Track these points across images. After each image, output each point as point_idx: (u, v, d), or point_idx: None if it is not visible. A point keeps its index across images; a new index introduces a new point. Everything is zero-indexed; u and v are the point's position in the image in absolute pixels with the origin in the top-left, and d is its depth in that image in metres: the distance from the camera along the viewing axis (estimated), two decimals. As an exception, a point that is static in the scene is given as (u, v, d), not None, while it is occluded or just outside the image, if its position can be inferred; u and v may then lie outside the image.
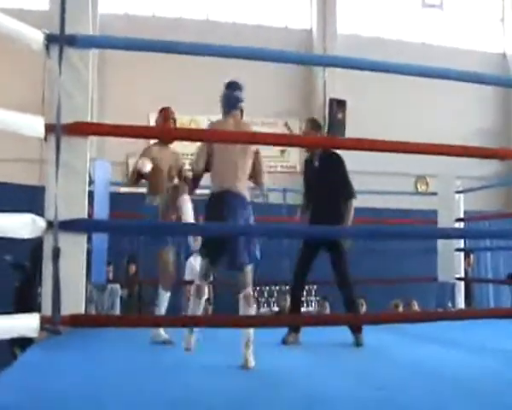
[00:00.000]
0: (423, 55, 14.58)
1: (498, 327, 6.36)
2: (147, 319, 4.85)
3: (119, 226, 4.11)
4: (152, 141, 6.24)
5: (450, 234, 5.95)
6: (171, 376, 4.07)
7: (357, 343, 5.64)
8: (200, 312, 5.17)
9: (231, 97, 5.11)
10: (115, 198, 7.70)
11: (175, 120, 6.19)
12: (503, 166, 16.72)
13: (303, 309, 11.02)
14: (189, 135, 5.00)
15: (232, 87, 5.16)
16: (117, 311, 8.70)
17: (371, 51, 14.12)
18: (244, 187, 4.93)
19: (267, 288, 11.41)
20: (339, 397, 3.48)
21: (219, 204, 4.76)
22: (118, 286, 8.87)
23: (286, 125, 16.20)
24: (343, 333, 5.57)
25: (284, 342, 5.70)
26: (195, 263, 10.06)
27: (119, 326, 3.84)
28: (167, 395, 3.45)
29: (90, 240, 5.66)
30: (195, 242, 5.52)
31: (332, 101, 16.01)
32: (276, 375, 4.16)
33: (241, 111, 5.17)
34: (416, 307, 10.54)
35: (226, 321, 3.79)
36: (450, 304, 9.95)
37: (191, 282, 9.89)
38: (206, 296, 10.23)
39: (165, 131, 5.33)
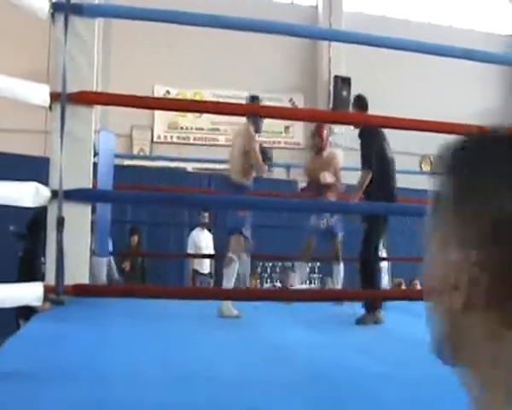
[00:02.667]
0: (429, 35, 14.48)
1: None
2: (149, 289, 4.86)
3: (124, 197, 4.10)
4: None
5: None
6: (173, 348, 4.08)
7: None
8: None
9: None
10: (119, 171, 7.68)
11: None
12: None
13: (305, 286, 11.05)
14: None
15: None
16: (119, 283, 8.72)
17: (376, 30, 13.97)
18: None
19: (270, 264, 11.40)
20: (341, 372, 3.49)
21: None
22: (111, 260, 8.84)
23: (290, 100, 16.15)
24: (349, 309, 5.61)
25: (361, 322, 5.64)
26: (198, 237, 10.08)
27: (122, 296, 3.85)
28: (170, 367, 3.46)
29: (94, 212, 5.67)
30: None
31: (337, 78, 15.94)
32: (283, 350, 4.17)
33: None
34: (418, 286, 10.53)
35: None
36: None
37: (194, 255, 9.98)
38: (208, 270, 10.34)
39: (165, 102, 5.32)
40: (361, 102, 6.21)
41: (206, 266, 10.26)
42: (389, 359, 3.96)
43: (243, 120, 5.88)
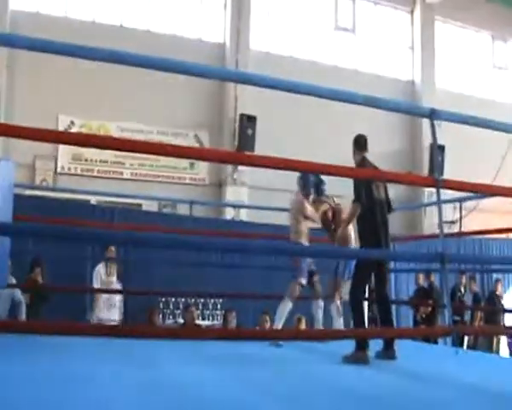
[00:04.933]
0: (335, 78, 14.86)
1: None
2: (50, 325, 4.76)
3: (23, 230, 4.03)
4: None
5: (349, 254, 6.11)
6: (72, 386, 4.02)
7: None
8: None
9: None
10: (20, 201, 7.52)
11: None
12: (405, 190, 16.97)
13: (208, 323, 11.00)
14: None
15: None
16: (22, 317, 8.51)
17: (283, 69, 14.30)
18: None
19: (173, 299, 11.21)
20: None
21: None
22: (19, 292, 8.65)
23: (196, 136, 16.20)
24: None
25: (351, 360, 5.68)
26: (103, 271, 9.90)
27: (23, 332, 3.75)
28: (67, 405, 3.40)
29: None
30: None
31: (242, 116, 16.06)
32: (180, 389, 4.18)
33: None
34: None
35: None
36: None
37: (98, 290, 9.77)
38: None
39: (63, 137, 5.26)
40: (359, 141, 6.40)
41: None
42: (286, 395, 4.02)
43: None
